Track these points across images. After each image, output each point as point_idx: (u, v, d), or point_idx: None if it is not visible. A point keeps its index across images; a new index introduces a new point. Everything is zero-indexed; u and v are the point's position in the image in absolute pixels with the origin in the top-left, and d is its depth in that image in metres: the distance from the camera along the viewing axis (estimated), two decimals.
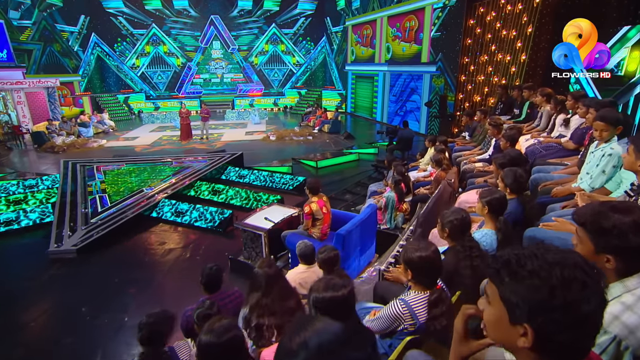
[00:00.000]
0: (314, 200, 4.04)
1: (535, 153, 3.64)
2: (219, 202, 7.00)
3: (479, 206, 2.24)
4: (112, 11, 19.57)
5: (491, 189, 2.30)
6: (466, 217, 1.99)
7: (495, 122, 4.29)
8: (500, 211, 2.18)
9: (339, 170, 9.23)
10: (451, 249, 2.00)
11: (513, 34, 7.91)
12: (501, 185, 2.58)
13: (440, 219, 2.07)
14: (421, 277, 1.70)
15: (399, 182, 4.47)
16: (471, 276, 1.81)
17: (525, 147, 4.02)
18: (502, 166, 2.87)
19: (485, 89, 9.50)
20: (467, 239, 1.95)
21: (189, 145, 12.35)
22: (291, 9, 21.15)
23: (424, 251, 1.64)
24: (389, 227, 4.56)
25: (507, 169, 2.59)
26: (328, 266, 2.60)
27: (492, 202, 2.17)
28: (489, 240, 2.11)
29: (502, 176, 2.58)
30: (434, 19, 12.31)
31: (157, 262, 5.02)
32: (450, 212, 2.04)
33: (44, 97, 14.80)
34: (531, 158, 3.60)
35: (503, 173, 2.57)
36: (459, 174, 4.52)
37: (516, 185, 2.52)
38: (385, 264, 2.40)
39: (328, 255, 2.61)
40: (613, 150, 2.42)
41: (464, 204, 3.48)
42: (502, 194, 2.18)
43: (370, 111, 17.22)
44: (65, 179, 7.67)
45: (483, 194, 2.21)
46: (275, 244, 4.34)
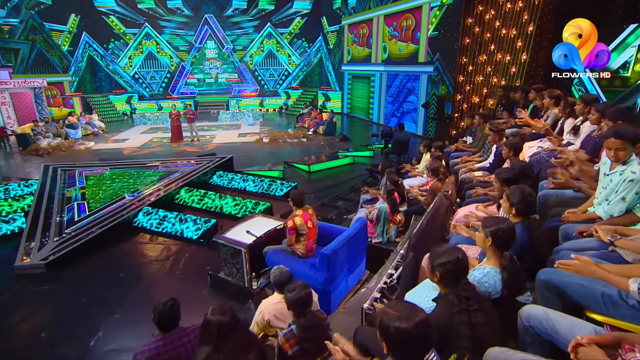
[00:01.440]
0: (298, 213, 3.69)
1: (541, 162, 3.29)
2: (205, 210, 6.64)
3: (480, 236, 1.88)
4: (103, 10, 19.16)
5: (498, 218, 1.94)
6: (462, 259, 1.62)
7: (496, 128, 3.95)
8: (507, 245, 1.83)
9: (333, 175, 8.89)
10: (443, 297, 1.64)
11: (513, 33, 7.59)
12: (505, 205, 2.23)
13: (430, 258, 1.69)
14: (399, 355, 1.28)
15: (391, 192, 4.13)
16: (469, 337, 1.45)
17: (528, 154, 3.68)
18: (506, 182, 2.51)
19: (484, 90, 9.18)
20: (463, 286, 1.59)
21: (180, 148, 11.97)
22: (287, 8, 20.80)
23: (405, 322, 1.21)
24: (381, 240, 4.21)
25: (513, 186, 2.24)
26: (298, 309, 2.15)
27: (498, 234, 1.80)
28: (492, 281, 1.76)
29: (508, 195, 2.21)
30: (431, 18, 11.98)
31: (132, 277, 4.66)
32: (442, 251, 1.66)
33: (31, 97, 14.39)
34: (536, 168, 3.26)
35: (509, 191, 2.22)
36: (457, 183, 4.19)
37: (524, 207, 2.15)
38: (369, 301, 2.05)
39: (298, 295, 2.14)
40: (635, 175, 2.04)
41: (462, 219, 3.14)
42: (510, 224, 1.83)
43: (367, 112, 16.89)
44: (43, 184, 7.30)
45: (487, 222, 1.85)
46: (257, 260, 4.00)
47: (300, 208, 3.75)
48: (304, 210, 3.75)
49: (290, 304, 2.16)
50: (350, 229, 3.61)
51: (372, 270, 4.20)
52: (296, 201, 3.72)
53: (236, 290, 4.14)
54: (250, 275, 3.99)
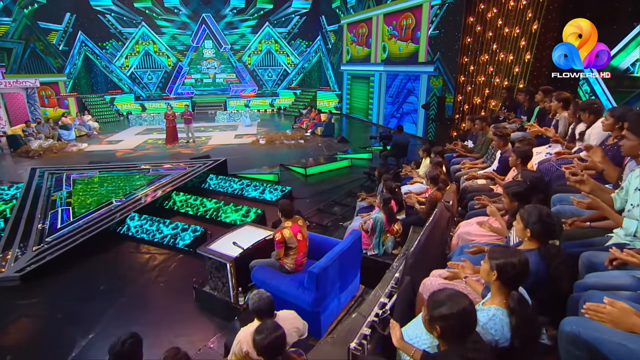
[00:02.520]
0: (287, 225, 3.41)
1: (551, 171, 3.01)
2: (195, 216, 6.38)
3: (485, 268, 1.59)
4: (99, 9, 18.88)
5: (508, 248, 1.63)
6: (470, 310, 1.31)
7: (500, 132, 3.66)
8: (516, 283, 1.53)
9: (330, 178, 8.61)
10: (444, 356, 1.36)
11: (516, 31, 7.30)
12: (518, 226, 1.92)
13: (428, 303, 1.40)
14: None
15: (388, 201, 3.85)
16: None
17: (536, 161, 3.40)
18: (517, 197, 2.23)
19: (486, 91, 8.90)
20: (470, 345, 1.29)
21: (174, 150, 11.70)
22: (285, 7, 20.51)
23: None
24: (377, 253, 3.93)
25: (529, 206, 1.92)
26: (268, 355, 1.81)
27: (506, 270, 1.50)
28: (498, 326, 1.46)
29: (522, 215, 1.89)
30: (431, 17, 11.70)
31: (113, 290, 4.38)
32: (444, 298, 1.35)
33: (23, 98, 14.11)
34: (545, 177, 2.97)
35: (523, 211, 1.90)
36: (459, 192, 3.91)
37: (541, 230, 1.82)
38: (357, 339, 1.77)
39: (269, 339, 1.80)
40: None
41: (465, 235, 2.86)
42: (522, 259, 1.52)
43: (366, 113, 16.61)
44: (28, 188, 7.03)
45: (494, 253, 1.56)
46: (244, 274, 3.72)
47: (290, 219, 3.47)
48: (293, 221, 3.47)
49: (258, 350, 1.83)
50: (343, 243, 3.33)
51: (367, 284, 3.93)
52: (285, 212, 3.44)
53: (222, 306, 3.87)
54: (237, 290, 3.72)
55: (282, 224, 3.45)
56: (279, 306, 2.75)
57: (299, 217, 3.58)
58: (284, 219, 3.47)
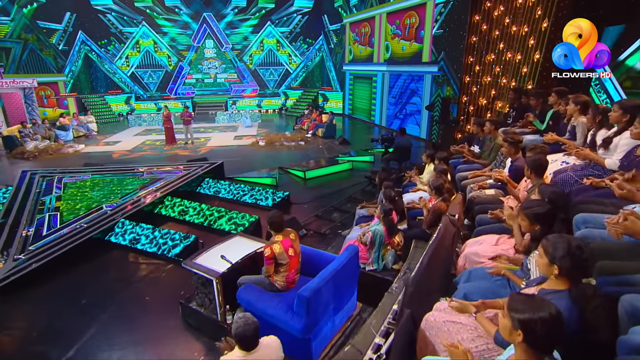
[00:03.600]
0: (278, 239, 3.13)
1: (569, 183, 2.70)
2: (188, 222, 6.12)
3: (505, 324, 1.26)
4: (100, 8, 18.71)
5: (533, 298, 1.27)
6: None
7: (511, 139, 3.35)
8: (549, 346, 1.22)
9: (330, 182, 8.31)
10: None
11: (525, 30, 6.98)
12: (542, 261, 1.57)
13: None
14: None
15: (389, 212, 3.56)
16: None
17: (550, 171, 3.09)
18: (539, 220, 1.91)
19: (492, 92, 8.58)
20: None
21: (172, 151, 11.46)
22: (287, 6, 20.25)
23: None
24: (376, 268, 3.64)
25: (554, 236, 1.57)
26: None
27: (535, 328, 1.19)
28: None
29: (546, 247, 1.56)
30: (435, 15, 11.38)
31: (96, 304, 4.12)
32: None
33: (20, 98, 13.94)
34: (564, 189, 2.66)
35: (547, 243, 1.56)
36: (465, 202, 3.61)
37: (571, 266, 1.49)
38: None
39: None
40: None
41: (473, 257, 2.57)
42: (554, 312, 1.20)
43: (369, 113, 16.30)
44: (17, 192, 6.80)
45: (515, 304, 1.23)
46: (231, 290, 3.45)
47: (280, 233, 3.19)
48: (284, 235, 3.19)
49: None
50: (338, 259, 3.04)
51: (365, 301, 3.64)
52: (274, 225, 3.16)
53: (208, 324, 3.60)
54: (224, 308, 3.44)
55: (272, 238, 3.17)
56: (266, 331, 2.49)
57: (291, 231, 3.29)
58: (274, 232, 3.19)
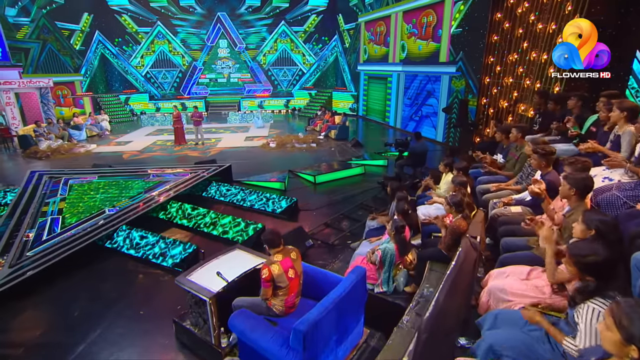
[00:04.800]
0: (277, 259, 2.82)
1: (616, 206, 2.29)
2: (191, 229, 5.89)
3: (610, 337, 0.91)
4: (116, 8, 18.86)
5: None
6: None
7: (543, 150, 2.92)
8: None
9: (341, 187, 7.97)
10: None
11: (552, 27, 6.49)
12: (609, 336, 1.21)
13: None
14: None
15: (401, 230, 3.21)
16: None
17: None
18: (594, 272, 1.47)
19: (514, 94, 8.09)
20: None
21: (182, 152, 11.34)
22: (301, 5, 19.99)
23: None
24: (386, 290, 3.30)
25: (628, 304, 1.20)
26: None
27: None
28: None
29: (617, 318, 1.20)
30: (454, 14, 10.89)
31: (89, 318, 3.91)
32: None
33: (37, 98, 14.10)
34: (608, 212, 2.26)
35: (618, 312, 1.20)
36: (487, 220, 3.22)
37: None
38: None
39: None
40: None
41: (498, 293, 2.20)
42: None
43: (383, 115, 15.87)
44: (22, 194, 6.71)
45: None
46: (227, 311, 3.16)
47: (280, 251, 2.89)
48: (284, 254, 2.87)
49: None
50: (343, 285, 2.70)
51: (373, 325, 3.29)
52: (271, 243, 2.86)
53: (202, 346, 3.32)
54: (218, 330, 3.16)
55: (271, 258, 2.86)
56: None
57: (292, 249, 2.98)
58: (272, 250, 2.88)
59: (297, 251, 3.01)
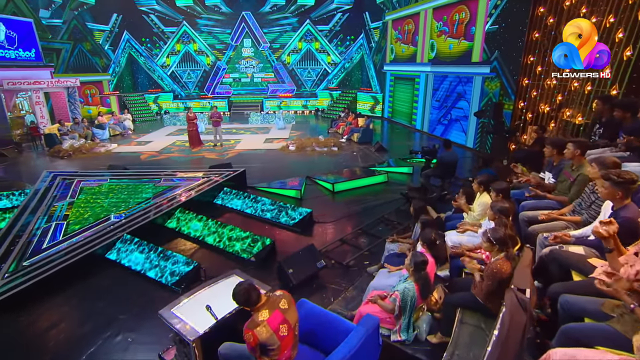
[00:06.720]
0: (263, 318, 2.24)
1: None
2: (198, 240, 5.51)
3: None
4: (144, 9, 19.08)
5: None
6: None
7: (618, 177, 2.19)
8: None
9: (361, 197, 7.39)
10: None
11: (610, 21, 5.64)
12: None
13: None
14: None
15: (421, 267, 2.61)
16: None
17: None
18: None
19: (558, 97, 7.23)
20: None
21: (199, 154, 11.11)
22: (327, 3, 19.47)
23: None
24: (405, 339, 2.72)
25: None
26: None
27: None
28: None
29: None
30: (489, 9, 10.03)
31: (75, 344, 3.56)
32: None
33: (64, 97, 14.36)
34: None
35: None
36: (534, 259, 2.55)
37: None
38: None
39: None
40: None
41: None
42: None
43: (410, 118, 15.09)
44: (33, 196, 6.58)
45: None
46: (214, 353, 2.70)
47: (264, 305, 2.32)
48: (271, 308, 2.31)
49: None
50: (351, 340, 2.15)
51: None
52: (248, 302, 2.30)
53: None
54: None
55: (254, 319, 2.28)
56: None
57: (281, 296, 2.41)
58: (254, 308, 2.33)
59: (288, 296, 2.45)
